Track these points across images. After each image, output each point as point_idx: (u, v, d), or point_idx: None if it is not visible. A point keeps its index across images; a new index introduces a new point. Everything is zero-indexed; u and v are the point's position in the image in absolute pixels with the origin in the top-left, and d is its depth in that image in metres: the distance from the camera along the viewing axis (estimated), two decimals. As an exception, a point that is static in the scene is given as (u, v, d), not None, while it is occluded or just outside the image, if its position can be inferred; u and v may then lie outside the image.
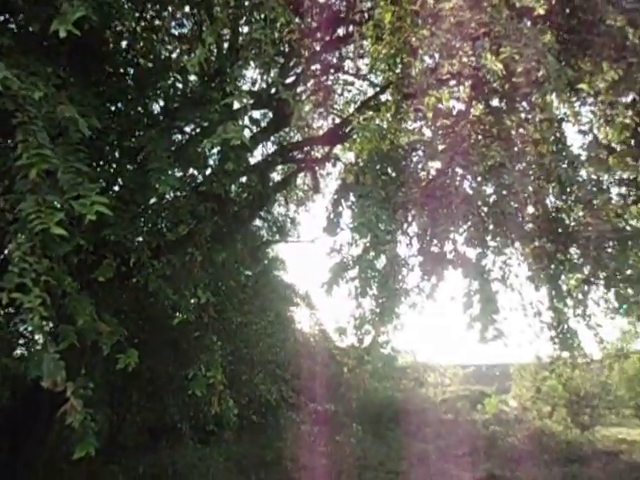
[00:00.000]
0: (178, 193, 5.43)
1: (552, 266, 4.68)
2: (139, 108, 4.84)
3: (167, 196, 5.48)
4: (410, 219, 4.39)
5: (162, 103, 5.30)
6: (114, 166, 5.14)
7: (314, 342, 12.89)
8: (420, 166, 4.42)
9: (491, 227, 4.21)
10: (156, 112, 5.28)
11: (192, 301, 6.07)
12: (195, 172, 5.72)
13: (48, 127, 2.85)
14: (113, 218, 3.33)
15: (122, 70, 5.00)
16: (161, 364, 6.27)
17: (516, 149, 4.31)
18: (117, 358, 3.83)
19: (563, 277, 4.80)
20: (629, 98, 4.45)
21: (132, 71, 5.11)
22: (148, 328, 6.14)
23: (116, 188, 5.11)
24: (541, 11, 3.79)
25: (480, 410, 14.85)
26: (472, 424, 13.23)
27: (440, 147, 4.42)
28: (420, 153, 4.38)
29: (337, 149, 7.41)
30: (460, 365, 17.64)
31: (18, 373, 5.11)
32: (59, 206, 2.74)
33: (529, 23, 4.29)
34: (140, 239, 4.65)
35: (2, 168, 3.13)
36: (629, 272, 4.07)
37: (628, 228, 4.63)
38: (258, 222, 8.58)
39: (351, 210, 4.46)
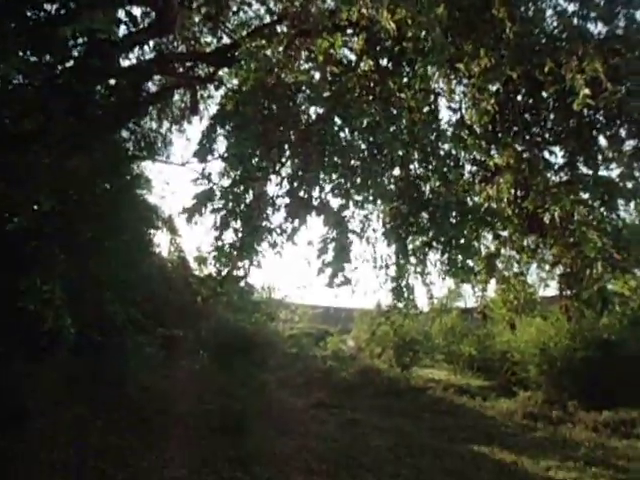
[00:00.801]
0: (28, 81, 4.67)
1: (403, 226, 5.14)
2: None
3: (15, 81, 4.69)
4: (284, 160, 4.40)
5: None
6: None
7: (172, 268, 12.59)
8: (302, 108, 4.41)
9: (358, 181, 4.42)
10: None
11: (37, 208, 5.40)
12: (53, 61, 4.94)
13: None
14: None
15: None
16: (-12, 272, 5.57)
17: (393, 112, 4.52)
18: None
19: (410, 238, 5.31)
20: (495, 87, 4.92)
21: None
22: (-26, 230, 5.36)
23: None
24: (439, -18, 3.91)
25: (322, 347, 16.19)
26: (313, 359, 14.42)
27: (325, 94, 4.44)
28: (304, 95, 4.35)
29: (223, 72, 6.98)
30: (310, 305, 18.84)
31: None
32: None
33: (427, -9, 4.42)
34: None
35: None
36: (462, 241, 4.65)
37: (470, 203, 5.24)
38: (125, 133, 7.82)
39: (226, 139, 4.31)
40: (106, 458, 4.80)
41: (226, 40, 6.81)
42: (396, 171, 5.22)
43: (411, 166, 5.29)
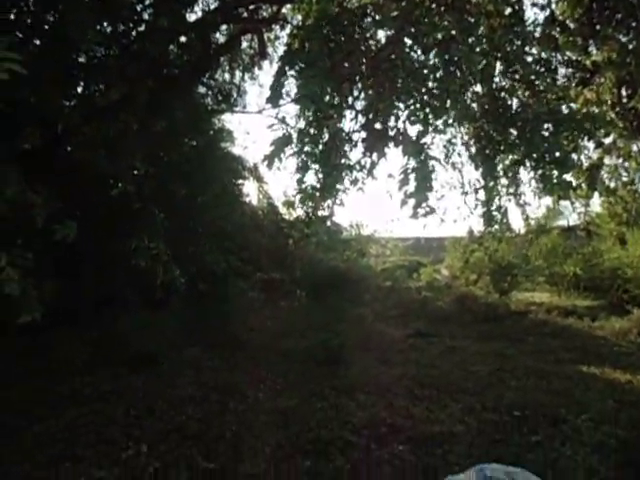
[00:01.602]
0: (109, 52, 4.93)
1: (490, 146, 4.82)
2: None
3: (97, 54, 4.96)
4: (356, 93, 4.26)
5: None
6: (30, 17, 4.51)
7: (262, 215, 13.12)
8: (369, 34, 4.17)
9: (436, 104, 4.17)
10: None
11: (134, 172, 5.85)
12: (126, 28, 5.13)
13: None
14: (30, 78, 3.01)
15: None
16: (102, 236, 6.23)
17: (469, 21, 4.12)
18: (54, 230, 3.77)
19: (499, 157, 4.98)
20: (589, -31, 4.26)
21: None
22: (85, 200, 5.97)
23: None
24: None
25: (415, 278, 16.18)
26: (407, 290, 14.50)
27: (392, 14, 4.14)
28: (370, 20, 4.10)
29: (286, 9, 6.78)
30: (400, 238, 18.72)
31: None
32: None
33: None
34: (67, 103, 4.28)
35: None
36: (557, 154, 4.26)
37: (565, 111, 4.73)
38: (201, 89, 8.04)
39: (296, 80, 4.25)
40: (225, 392, 5.34)
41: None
42: (477, 87, 4.84)
43: (494, 79, 4.86)
